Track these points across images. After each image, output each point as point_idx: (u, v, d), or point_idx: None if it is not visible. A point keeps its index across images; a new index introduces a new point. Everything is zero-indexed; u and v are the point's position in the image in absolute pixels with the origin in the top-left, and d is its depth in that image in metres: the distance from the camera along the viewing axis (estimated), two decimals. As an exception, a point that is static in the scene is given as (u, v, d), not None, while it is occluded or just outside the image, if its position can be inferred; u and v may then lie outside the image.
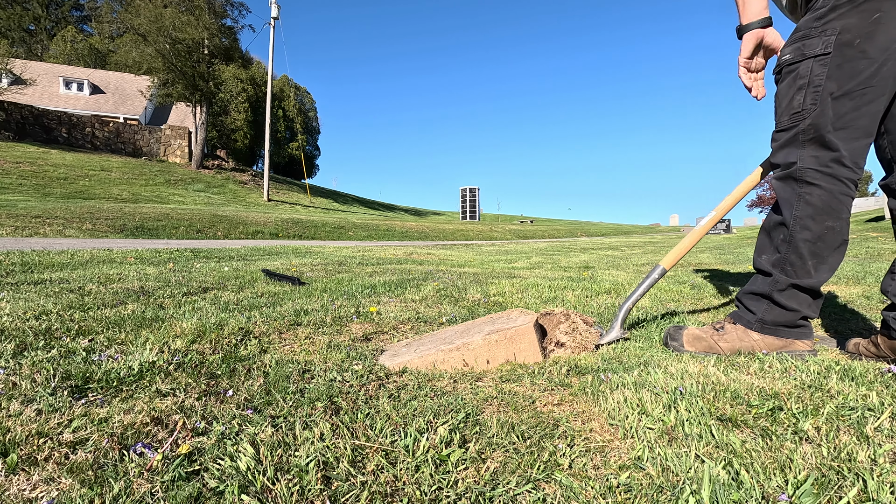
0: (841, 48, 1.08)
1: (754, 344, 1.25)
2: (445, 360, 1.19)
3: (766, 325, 1.26)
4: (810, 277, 1.18)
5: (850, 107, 1.10)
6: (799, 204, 1.18)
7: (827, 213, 1.15)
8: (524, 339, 1.25)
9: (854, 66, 1.08)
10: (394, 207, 40.05)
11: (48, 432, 0.73)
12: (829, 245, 1.16)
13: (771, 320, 1.25)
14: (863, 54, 1.06)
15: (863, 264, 3.78)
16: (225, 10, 24.25)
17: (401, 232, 15.40)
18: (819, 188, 1.15)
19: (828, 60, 1.10)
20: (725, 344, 1.27)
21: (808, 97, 1.14)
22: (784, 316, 1.24)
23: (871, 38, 1.05)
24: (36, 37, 44.60)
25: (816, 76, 1.12)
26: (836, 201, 1.14)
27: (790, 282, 1.21)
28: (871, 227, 11.12)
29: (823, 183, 1.14)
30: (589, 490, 0.62)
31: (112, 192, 15.54)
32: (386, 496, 0.62)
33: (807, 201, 1.16)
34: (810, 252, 1.17)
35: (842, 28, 1.07)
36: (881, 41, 1.04)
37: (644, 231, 33.96)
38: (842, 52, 1.08)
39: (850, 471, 0.64)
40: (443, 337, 1.36)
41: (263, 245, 6.68)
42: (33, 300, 1.72)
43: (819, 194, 1.15)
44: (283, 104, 40.40)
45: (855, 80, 1.08)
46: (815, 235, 1.16)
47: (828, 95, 1.11)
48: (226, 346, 1.25)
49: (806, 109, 1.15)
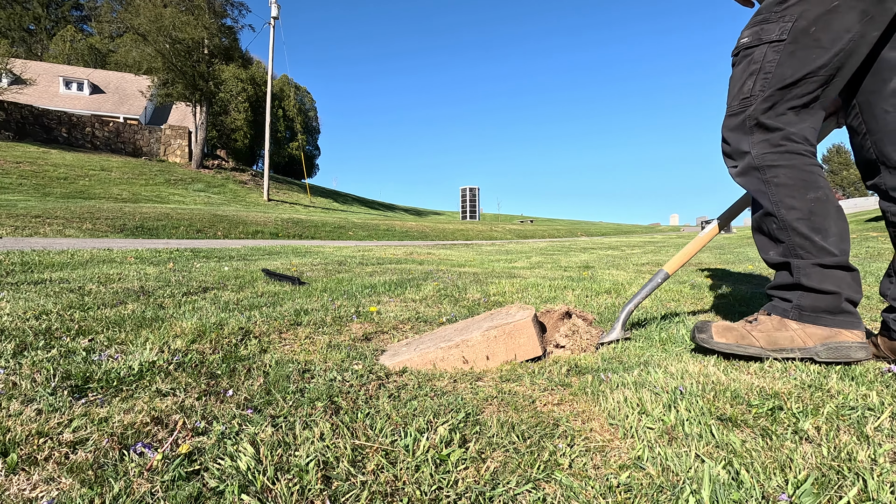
0: (796, 35, 1.07)
1: (794, 334, 1.13)
2: (445, 358, 1.19)
3: (805, 311, 1.14)
4: (827, 252, 1.11)
5: (797, 93, 1.09)
6: (771, 189, 1.14)
7: (804, 187, 1.11)
8: (523, 333, 1.25)
9: (806, 53, 1.07)
10: (394, 207, 40.04)
11: (48, 432, 0.73)
12: (824, 215, 1.11)
13: (809, 305, 1.13)
14: (816, 42, 1.05)
15: (863, 264, 3.78)
16: (225, 9, 24.25)
17: (401, 232, 15.40)
18: (782, 168, 1.12)
19: (781, 47, 1.09)
20: (760, 334, 1.15)
21: (758, 83, 1.13)
22: (823, 300, 1.12)
23: (827, 26, 1.04)
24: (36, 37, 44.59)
25: (769, 62, 1.11)
26: (806, 173, 1.11)
27: (811, 262, 1.12)
28: (871, 226, 11.11)
29: (783, 162, 1.12)
30: (589, 490, 0.62)
31: (112, 192, 15.54)
32: (386, 496, 0.62)
33: (777, 183, 1.13)
34: (810, 228, 1.11)
35: (799, 14, 1.07)
36: (836, 29, 1.04)
37: (644, 231, 33.97)
38: (796, 39, 1.07)
39: (850, 470, 0.64)
40: (442, 335, 1.36)
41: (263, 245, 6.68)
42: (33, 300, 1.72)
43: (785, 173, 1.12)
44: (283, 104, 40.40)
45: (806, 69, 1.07)
46: (804, 212, 1.12)
47: (778, 82, 1.10)
48: (226, 346, 1.25)
49: (754, 95, 1.14)
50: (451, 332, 1.36)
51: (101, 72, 34.45)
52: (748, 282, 3.09)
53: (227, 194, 20.69)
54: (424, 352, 1.19)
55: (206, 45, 23.09)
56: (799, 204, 1.12)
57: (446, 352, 1.19)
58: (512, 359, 1.23)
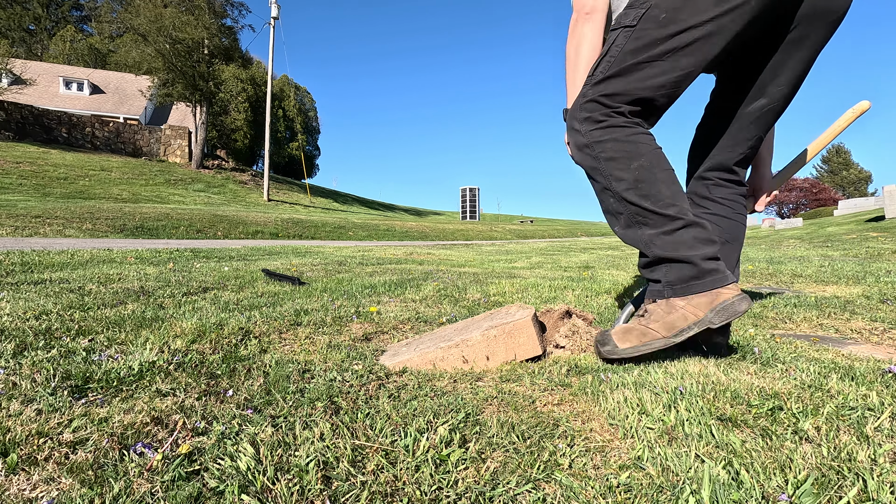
0: (645, 20, 1.08)
1: (684, 312, 1.11)
2: (445, 358, 1.19)
3: (675, 285, 1.14)
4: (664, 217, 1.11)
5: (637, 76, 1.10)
6: (601, 164, 1.15)
7: (628, 157, 1.12)
8: (522, 332, 1.25)
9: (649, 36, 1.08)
10: (394, 207, 40.04)
11: (48, 432, 0.73)
12: (651, 181, 1.11)
13: (676, 278, 1.13)
14: (662, 28, 1.07)
15: (863, 264, 3.78)
16: (225, 10, 24.27)
17: (401, 232, 15.40)
18: (607, 142, 1.13)
19: (630, 32, 1.10)
20: (656, 324, 1.13)
21: (603, 64, 1.15)
22: (685, 269, 1.12)
23: (676, 13, 1.05)
24: (36, 37, 44.59)
25: (616, 46, 1.13)
26: (629, 143, 1.12)
27: (654, 232, 1.13)
28: (871, 226, 11.12)
29: (607, 136, 1.13)
30: (589, 490, 0.62)
31: (112, 192, 15.54)
32: (386, 496, 0.62)
33: (606, 158, 1.14)
34: (640, 196, 1.11)
35: (655, 3, 1.08)
36: (684, 16, 1.05)
37: (644, 231, 33.84)
38: (644, 25, 1.09)
39: (850, 471, 0.64)
40: (442, 335, 1.36)
41: (263, 245, 6.68)
42: (33, 300, 1.72)
43: (611, 146, 1.13)
44: (283, 104, 40.40)
45: (647, 53, 1.08)
46: (630, 182, 1.12)
47: (618, 64, 1.11)
48: (226, 346, 1.25)
49: (595, 75, 1.16)
50: (450, 332, 1.36)
51: (101, 72, 34.45)
52: (748, 281, 3.09)
53: (227, 194, 20.69)
54: (424, 352, 1.19)
55: (206, 46, 23.09)
56: (626, 175, 1.12)
57: (446, 351, 1.19)
58: (512, 358, 1.23)
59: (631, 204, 1.13)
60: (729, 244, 1.36)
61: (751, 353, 1.25)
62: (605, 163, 1.14)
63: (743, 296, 1.09)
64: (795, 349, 1.31)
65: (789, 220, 19.66)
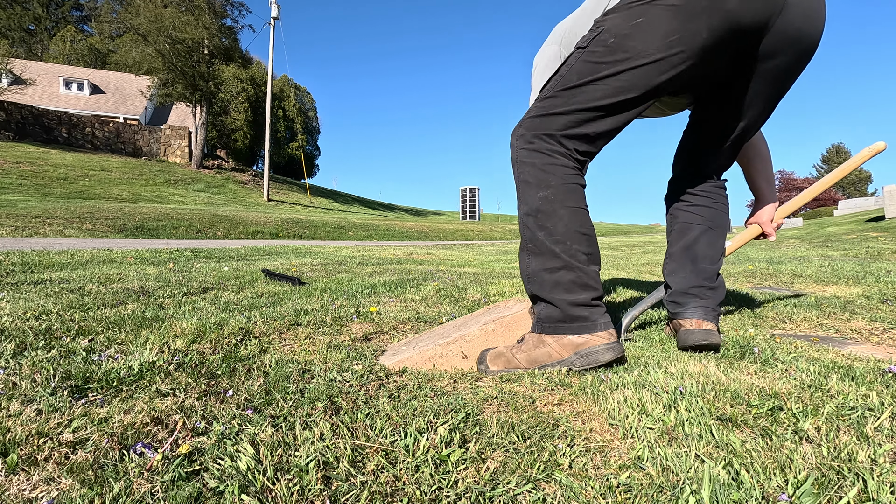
0: (595, 43, 1.09)
1: (550, 350, 1.10)
2: (444, 355, 1.19)
3: (545, 323, 1.13)
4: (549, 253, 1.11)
5: (578, 98, 1.10)
6: (520, 185, 1.17)
7: (538, 185, 1.12)
8: (520, 325, 1.25)
9: (596, 57, 1.08)
10: (394, 207, 40.04)
11: (48, 432, 0.73)
12: (549, 213, 1.11)
13: (546, 316, 1.13)
14: (609, 53, 1.06)
15: (863, 264, 3.78)
16: (225, 10, 24.26)
17: (401, 232, 15.40)
18: (527, 165, 1.14)
19: (580, 54, 1.11)
20: (522, 355, 1.12)
21: (551, 82, 1.15)
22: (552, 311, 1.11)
23: (625, 41, 1.05)
24: (36, 37, 44.59)
25: (566, 66, 1.13)
26: (544, 172, 1.12)
27: (538, 267, 1.13)
28: (871, 226, 11.12)
29: (529, 159, 1.14)
30: (589, 490, 0.62)
31: (112, 192, 15.54)
32: (386, 496, 0.62)
33: (523, 180, 1.15)
34: (537, 225, 1.12)
35: (607, 27, 1.08)
36: (633, 45, 1.04)
37: (644, 231, 33.98)
38: (593, 48, 1.09)
39: (850, 471, 0.64)
40: (441, 332, 1.36)
41: (263, 245, 6.68)
42: (33, 300, 1.72)
43: (529, 171, 1.14)
44: (283, 104, 40.40)
45: (591, 76, 1.08)
46: (532, 210, 1.13)
47: (564, 84, 1.12)
48: (226, 346, 1.25)
49: (543, 92, 1.16)
50: (449, 329, 1.36)
51: (101, 72, 34.45)
52: (748, 281, 3.09)
53: (227, 194, 20.69)
54: (423, 349, 1.19)
55: (206, 46, 23.09)
56: (531, 202, 1.13)
57: (445, 348, 1.19)
58: None
59: (528, 229, 1.15)
60: (713, 230, 1.40)
61: (751, 352, 1.25)
62: (521, 184, 1.16)
63: (612, 345, 1.09)
64: (795, 349, 1.31)
65: (789, 220, 19.67)
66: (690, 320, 1.32)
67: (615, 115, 1.12)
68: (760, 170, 1.49)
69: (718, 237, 1.40)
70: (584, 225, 1.13)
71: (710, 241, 1.39)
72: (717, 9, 0.99)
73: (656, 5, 1.02)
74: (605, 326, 1.11)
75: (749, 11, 1.00)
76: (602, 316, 1.12)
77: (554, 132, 1.12)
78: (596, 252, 1.14)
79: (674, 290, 1.40)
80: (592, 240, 1.14)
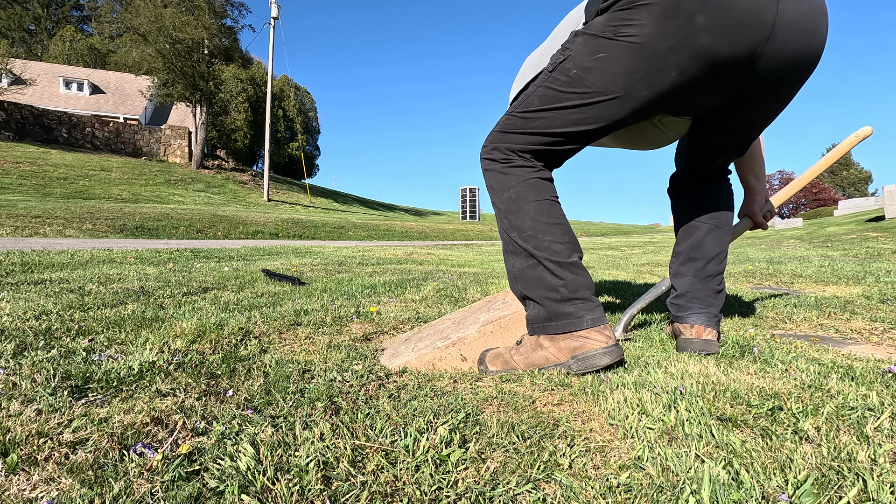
0: (559, 71, 1.08)
1: (547, 353, 1.10)
2: (443, 358, 1.19)
3: (534, 324, 1.13)
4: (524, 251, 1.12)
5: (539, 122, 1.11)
6: (489, 192, 1.22)
7: (501, 188, 1.16)
8: (518, 325, 1.24)
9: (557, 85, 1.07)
10: (394, 207, 40.03)
11: (48, 432, 0.73)
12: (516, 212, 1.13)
13: (533, 317, 1.13)
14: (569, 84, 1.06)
15: (863, 264, 3.78)
16: (225, 10, 24.26)
17: (401, 232, 15.40)
18: (490, 172, 1.19)
19: (546, 78, 1.11)
20: (520, 357, 1.12)
21: (521, 98, 1.17)
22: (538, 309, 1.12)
23: (586, 74, 1.03)
24: (36, 37, 44.59)
25: (534, 85, 1.13)
26: (502, 175, 1.16)
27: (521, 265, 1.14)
28: (871, 226, 11.12)
29: (490, 167, 1.19)
30: (589, 490, 0.62)
31: (112, 192, 15.54)
32: (386, 496, 0.62)
33: (489, 187, 1.20)
34: (511, 226, 1.15)
35: (572, 55, 1.06)
36: (593, 81, 1.03)
37: (644, 231, 33.96)
38: (557, 75, 1.08)
39: (850, 471, 0.64)
40: (440, 329, 1.36)
41: (263, 245, 6.68)
42: (33, 300, 1.72)
43: (492, 176, 1.18)
44: (283, 104, 40.40)
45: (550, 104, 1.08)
46: (502, 211, 1.16)
47: (525, 107, 1.12)
48: (226, 346, 1.25)
49: (513, 106, 1.18)
50: (448, 327, 1.36)
51: (101, 72, 34.44)
52: (748, 281, 3.09)
53: (227, 194, 20.69)
54: (422, 353, 1.19)
55: (207, 46, 23.09)
56: (501, 204, 1.17)
57: (443, 352, 1.19)
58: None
59: (503, 231, 1.18)
60: (719, 228, 1.40)
61: (750, 352, 1.25)
62: (489, 191, 1.21)
63: (609, 348, 1.07)
64: (795, 349, 1.31)
65: (789, 220, 19.66)
66: (692, 327, 1.32)
67: (575, 143, 1.13)
68: (752, 167, 1.48)
69: (725, 235, 1.40)
70: (553, 215, 1.13)
71: (716, 240, 1.39)
72: (686, 46, 0.94)
73: (617, 43, 0.99)
74: (593, 322, 1.08)
75: (726, 46, 0.94)
76: (591, 311, 1.09)
77: (514, 146, 1.15)
78: (573, 240, 1.14)
79: (679, 292, 1.39)
80: (566, 228, 1.14)
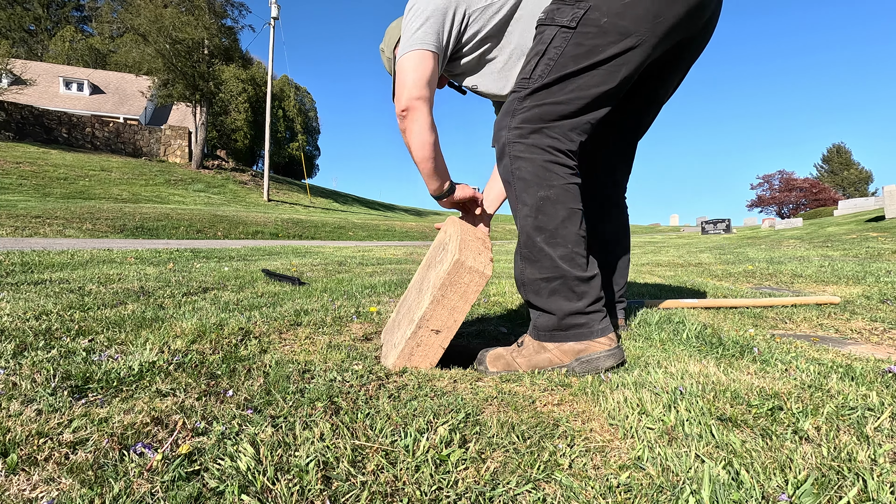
0: (585, 23, 1.02)
1: (550, 356, 1.09)
2: (420, 343, 1.11)
3: (541, 331, 1.11)
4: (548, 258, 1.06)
5: (576, 86, 1.03)
6: (515, 181, 1.09)
7: (537, 184, 1.06)
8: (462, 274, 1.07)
9: (592, 44, 1.01)
10: (394, 207, 40.02)
11: (48, 432, 0.73)
12: (551, 215, 1.05)
13: (542, 325, 1.11)
14: (603, 34, 1.00)
15: (863, 264, 3.78)
16: (225, 10, 24.28)
17: (401, 232, 15.40)
18: (524, 160, 1.07)
19: (569, 35, 1.02)
20: (522, 360, 1.11)
21: (540, 66, 1.06)
22: (549, 319, 1.09)
23: (618, 19, 0.99)
24: (36, 37, 44.60)
25: (554, 48, 1.04)
26: (543, 170, 1.05)
27: (534, 275, 1.09)
28: (871, 226, 11.12)
29: (526, 154, 1.07)
30: (589, 490, 0.62)
31: (112, 192, 15.54)
32: (386, 496, 0.62)
33: (519, 177, 1.08)
34: (535, 228, 1.06)
35: (595, 4, 1.01)
36: (625, 26, 0.99)
37: (644, 231, 33.95)
38: (584, 28, 1.02)
39: (850, 471, 0.64)
40: (399, 320, 1.28)
41: (263, 245, 6.68)
42: (33, 300, 1.72)
43: (526, 167, 1.07)
44: (283, 104, 40.40)
45: (588, 61, 1.02)
46: (532, 209, 1.07)
47: (558, 70, 1.04)
48: (226, 346, 1.25)
49: (532, 78, 1.07)
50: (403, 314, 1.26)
51: (101, 72, 34.44)
52: (748, 281, 3.09)
53: (227, 194, 20.69)
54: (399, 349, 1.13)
55: (207, 46, 23.10)
56: (530, 200, 1.07)
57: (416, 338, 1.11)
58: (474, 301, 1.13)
59: (524, 232, 1.10)
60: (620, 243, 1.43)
61: (750, 352, 1.25)
62: (517, 181, 1.10)
63: (613, 351, 1.07)
64: (795, 349, 1.31)
65: (789, 220, 19.66)
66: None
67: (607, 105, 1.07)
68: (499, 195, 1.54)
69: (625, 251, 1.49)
70: (582, 227, 1.09)
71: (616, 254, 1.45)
72: None
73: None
74: (603, 332, 1.08)
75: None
76: (601, 321, 1.09)
77: (552, 124, 1.06)
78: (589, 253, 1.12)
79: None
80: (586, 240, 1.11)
